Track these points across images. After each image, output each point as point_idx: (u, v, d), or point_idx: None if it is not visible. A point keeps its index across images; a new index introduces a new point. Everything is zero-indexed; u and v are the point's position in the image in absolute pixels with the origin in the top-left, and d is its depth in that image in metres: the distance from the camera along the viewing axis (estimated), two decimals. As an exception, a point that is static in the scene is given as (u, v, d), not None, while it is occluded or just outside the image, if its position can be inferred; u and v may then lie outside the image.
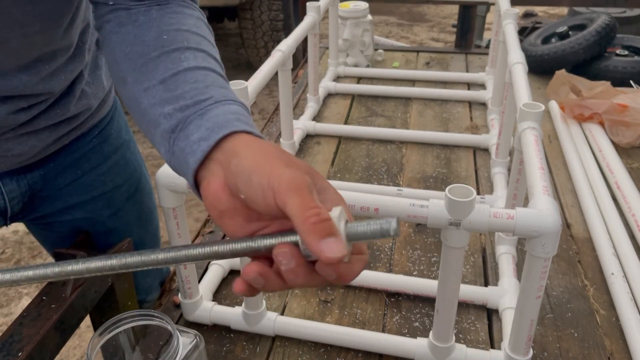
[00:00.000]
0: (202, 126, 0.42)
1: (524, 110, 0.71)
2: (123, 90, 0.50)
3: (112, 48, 0.51)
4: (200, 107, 0.44)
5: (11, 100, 0.58)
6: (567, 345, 0.71)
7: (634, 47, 1.49)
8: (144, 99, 0.46)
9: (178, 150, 0.43)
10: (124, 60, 0.49)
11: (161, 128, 0.45)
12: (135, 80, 0.48)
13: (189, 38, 0.50)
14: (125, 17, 0.51)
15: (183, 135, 0.43)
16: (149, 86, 0.47)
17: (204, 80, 0.46)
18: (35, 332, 0.60)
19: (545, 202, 0.55)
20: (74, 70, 0.64)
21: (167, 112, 0.45)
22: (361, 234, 0.35)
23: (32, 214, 0.74)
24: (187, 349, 0.56)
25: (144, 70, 0.47)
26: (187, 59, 0.48)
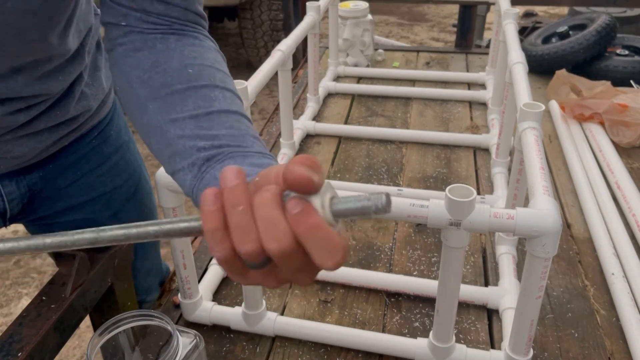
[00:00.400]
0: (244, 163, 0.43)
1: (524, 110, 0.71)
2: (140, 116, 0.50)
3: (126, 73, 0.51)
4: (242, 149, 0.45)
5: (9, 102, 0.58)
6: (568, 346, 0.71)
7: (635, 46, 1.49)
8: (171, 130, 0.47)
9: (210, 177, 0.44)
10: (141, 87, 0.49)
11: (193, 158, 0.45)
12: (159, 109, 0.48)
13: (214, 75, 0.50)
14: (141, 42, 0.51)
15: (219, 166, 0.44)
16: (177, 118, 0.47)
17: (239, 127, 0.48)
18: (35, 332, 0.60)
19: (545, 202, 0.55)
20: (72, 72, 0.64)
21: (203, 146, 0.45)
22: (349, 210, 0.33)
23: (31, 215, 0.74)
24: (186, 349, 0.56)
25: (169, 101, 0.48)
26: (217, 98, 0.48)
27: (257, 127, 2.62)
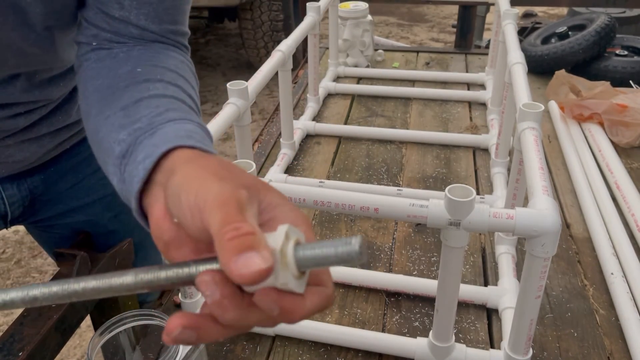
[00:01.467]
0: (148, 144, 0.38)
1: (523, 110, 0.71)
2: (86, 123, 0.46)
3: (84, 82, 0.48)
4: (152, 126, 0.39)
5: (8, 107, 0.58)
6: (567, 345, 0.71)
7: (634, 47, 1.49)
8: (102, 128, 0.42)
9: (127, 176, 0.38)
10: (92, 93, 0.46)
11: (113, 155, 0.40)
12: (98, 111, 0.44)
13: (164, 73, 0.46)
14: (105, 54, 0.49)
15: (132, 159, 0.38)
16: (109, 114, 0.43)
17: (166, 105, 0.42)
18: (35, 332, 0.60)
19: (544, 202, 0.55)
20: (73, 78, 0.64)
21: (121, 137, 0.40)
22: (316, 258, 0.28)
23: (32, 218, 0.74)
24: (187, 349, 0.56)
25: (109, 100, 0.44)
26: (156, 88, 0.44)
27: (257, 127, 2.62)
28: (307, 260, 0.28)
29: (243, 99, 0.80)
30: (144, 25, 0.49)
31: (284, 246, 0.28)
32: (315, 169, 1.11)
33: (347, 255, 0.27)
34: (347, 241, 0.27)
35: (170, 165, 0.36)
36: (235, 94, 0.80)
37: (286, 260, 0.28)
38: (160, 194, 0.35)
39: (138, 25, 0.48)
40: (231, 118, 0.78)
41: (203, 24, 4.35)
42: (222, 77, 3.58)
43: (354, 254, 0.27)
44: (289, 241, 0.29)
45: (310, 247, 0.28)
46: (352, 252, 0.27)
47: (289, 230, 0.29)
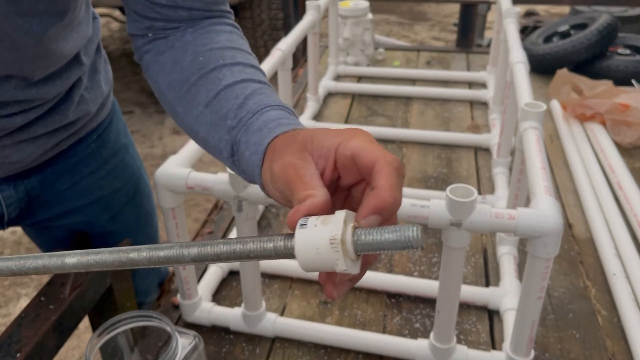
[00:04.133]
0: (249, 142, 0.44)
1: (525, 110, 0.70)
2: (178, 120, 0.51)
3: (155, 79, 0.52)
4: (242, 124, 0.45)
5: (4, 106, 0.58)
6: (569, 346, 0.71)
7: (636, 46, 1.49)
8: (199, 129, 0.48)
9: (245, 169, 0.45)
10: (168, 90, 0.51)
11: (224, 155, 0.46)
12: (185, 109, 0.49)
13: (223, 55, 0.50)
14: (163, 45, 0.52)
15: (240, 157, 0.44)
16: (198, 114, 0.48)
17: (243, 93, 0.47)
18: (33, 333, 0.60)
19: (546, 202, 0.55)
20: (70, 76, 0.63)
21: (223, 138, 0.46)
22: (374, 244, 0.30)
23: (29, 219, 0.74)
24: (186, 350, 0.56)
25: (188, 98, 0.49)
26: (225, 76, 0.48)
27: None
28: (366, 246, 0.30)
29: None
30: (190, 5, 0.51)
31: (343, 235, 0.30)
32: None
33: (408, 242, 0.29)
34: (408, 228, 0.29)
35: (271, 149, 0.41)
36: (234, 93, 0.79)
37: (346, 247, 0.30)
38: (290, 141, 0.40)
39: (184, 6, 0.51)
40: (230, 117, 0.77)
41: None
42: (222, 76, 3.57)
43: (414, 241, 0.29)
44: (347, 228, 0.30)
45: (369, 233, 0.30)
46: (413, 239, 0.29)
47: (346, 216, 0.31)
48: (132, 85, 3.43)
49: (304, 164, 0.37)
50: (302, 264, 0.31)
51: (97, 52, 0.70)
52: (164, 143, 2.79)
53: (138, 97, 3.29)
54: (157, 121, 3.01)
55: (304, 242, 0.31)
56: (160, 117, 3.06)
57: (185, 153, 0.68)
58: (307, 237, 0.31)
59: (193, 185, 0.63)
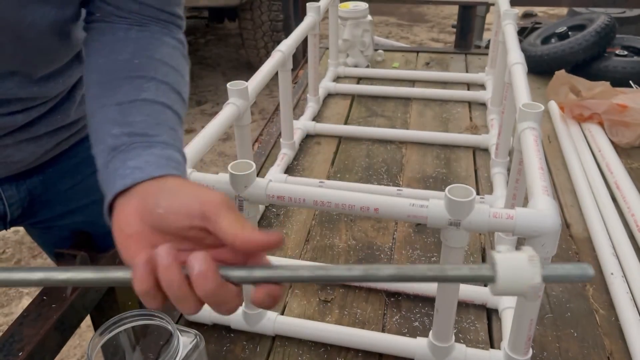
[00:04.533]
0: (141, 157, 0.44)
1: (523, 111, 0.71)
2: (86, 97, 0.52)
3: (89, 55, 0.53)
4: (147, 139, 0.46)
5: (7, 103, 0.58)
6: (567, 345, 0.71)
7: (634, 47, 1.49)
8: (97, 115, 0.48)
9: (112, 168, 0.44)
10: (93, 71, 0.52)
11: (105, 144, 0.46)
12: (96, 94, 0.50)
13: (157, 68, 0.51)
14: (108, 29, 0.53)
15: (122, 157, 0.44)
16: (105, 104, 0.48)
17: (157, 117, 0.48)
18: (35, 332, 0.60)
19: (544, 202, 0.55)
20: (72, 75, 0.64)
21: (115, 133, 0.46)
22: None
23: (31, 219, 0.74)
24: (187, 349, 0.56)
25: (106, 88, 0.49)
26: (149, 89, 0.49)
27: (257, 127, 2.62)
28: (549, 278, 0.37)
29: (243, 99, 0.80)
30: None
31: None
32: (315, 169, 1.11)
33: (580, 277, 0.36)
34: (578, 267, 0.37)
35: (157, 183, 0.42)
36: (235, 94, 0.80)
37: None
38: (134, 199, 0.42)
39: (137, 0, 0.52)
40: (231, 118, 0.78)
41: (203, 24, 4.35)
42: (222, 77, 3.58)
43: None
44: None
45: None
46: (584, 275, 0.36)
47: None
48: (132, 86, 3.43)
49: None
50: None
51: None
52: (164, 144, 2.79)
53: (138, 98, 3.29)
54: (157, 122, 3.01)
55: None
56: (160, 118, 3.06)
57: (186, 153, 0.69)
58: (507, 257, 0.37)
59: (194, 185, 0.63)
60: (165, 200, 0.39)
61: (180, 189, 0.41)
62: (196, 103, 3.25)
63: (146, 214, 0.40)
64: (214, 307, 0.37)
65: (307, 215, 0.97)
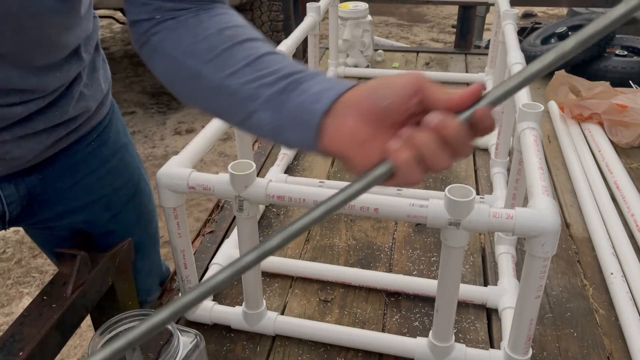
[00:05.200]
0: (318, 83, 0.46)
1: (523, 111, 0.71)
2: (197, 85, 0.52)
3: (168, 53, 0.52)
4: (306, 73, 0.47)
5: (5, 94, 0.58)
6: (567, 345, 0.71)
7: (633, 47, 1.49)
8: (232, 82, 0.49)
9: (293, 105, 0.46)
10: (188, 58, 0.51)
11: (266, 95, 0.47)
12: (214, 70, 0.50)
13: (249, 32, 0.53)
14: (174, 24, 0.53)
15: (297, 93, 0.46)
16: (234, 71, 0.49)
17: (287, 60, 0.50)
18: (36, 332, 0.60)
19: (544, 202, 0.55)
20: (70, 70, 0.64)
21: (268, 82, 0.47)
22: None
23: (31, 219, 0.74)
24: (187, 349, 0.56)
25: (220, 61, 0.50)
26: (259, 47, 0.51)
27: (257, 127, 2.62)
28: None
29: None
30: None
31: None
32: (315, 169, 1.11)
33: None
34: None
35: (349, 94, 0.44)
36: (235, 94, 0.80)
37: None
38: (346, 110, 0.43)
39: None
40: (231, 118, 0.78)
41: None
42: (222, 77, 3.58)
43: None
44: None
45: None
46: None
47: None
48: (133, 86, 3.44)
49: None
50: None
51: (96, 50, 0.71)
52: (166, 143, 2.79)
53: (140, 98, 3.29)
54: (159, 122, 3.02)
55: None
56: (162, 117, 3.07)
57: (187, 153, 0.69)
58: None
59: (194, 185, 0.63)
60: (384, 92, 0.42)
61: (382, 82, 0.43)
62: (196, 103, 3.25)
63: (370, 114, 0.42)
64: (459, 151, 0.40)
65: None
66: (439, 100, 0.40)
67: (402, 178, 0.41)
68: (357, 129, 0.42)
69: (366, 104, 0.43)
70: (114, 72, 0.76)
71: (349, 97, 0.44)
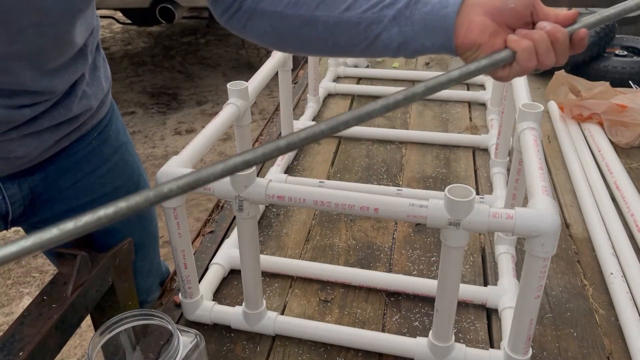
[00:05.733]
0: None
1: (523, 111, 0.71)
2: (313, 28, 0.56)
3: (271, 10, 0.56)
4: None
5: (16, 96, 0.59)
6: (567, 345, 0.71)
7: (633, 47, 1.49)
8: (351, 14, 0.54)
9: (422, 14, 0.52)
10: (296, 9, 0.55)
11: (389, 15, 0.53)
12: (328, 11, 0.55)
13: None
14: None
15: (422, 4, 0.53)
16: (348, 5, 0.54)
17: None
18: (36, 332, 0.60)
19: (544, 202, 0.55)
20: (76, 70, 0.65)
21: (388, 3, 0.53)
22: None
23: (32, 218, 0.74)
24: (187, 349, 0.56)
25: (329, 2, 0.55)
26: None
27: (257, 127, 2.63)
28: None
29: (243, 99, 0.81)
30: None
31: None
32: (315, 169, 1.12)
33: None
34: None
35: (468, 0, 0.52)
36: (235, 94, 0.80)
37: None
38: (472, 9, 0.51)
39: None
40: (231, 118, 0.78)
41: (203, 24, 4.35)
42: (222, 77, 3.58)
43: None
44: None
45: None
46: None
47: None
48: (133, 86, 3.44)
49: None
50: None
51: (97, 49, 0.72)
52: (166, 143, 2.79)
53: (140, 98, 3.29)
54: (159, 122, 3.02)
55: None
56: (162, 117, 3.07)
57: (187, 153, 0.69)
58: None
59: (194, 185, 0.63)
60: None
61: None
62: (196, 103, 3.25)
63: (497, 13, 0.50)
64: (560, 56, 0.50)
65: (307, 215, 0.97)
66: (549, 15, 0.50)
67: (521, 62, 0.49)
68: (486, 22, 0.50)
69: (493, 4, 0.51)
70: (113, 72, 0.76)
71: (474, 0, 0.51)
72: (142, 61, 3.83)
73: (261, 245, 0.90)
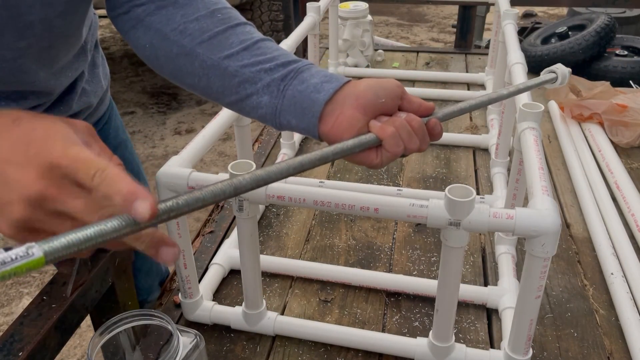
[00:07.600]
0: (316, 74, 0.52)
1: (523, 111, 0.71)
2: (191, 62, 0.54)
3: (157, 28, 0.54)
4: (301, 63, 0.53)
5: (24, 100, 0.59)
6: (567, 345, 0.71)
7: (634, 47, 1.49)
8: (230, 64, 0.53)
9: (294, 92, 0.51)
10: (181, 37, 0.54)
11: (264, 81, 0.52)
12: (210, 51, 0.53)
13: (237, 15, 0.55)
14: (162, 1, 0.54)
15: (298, 81, 0.51)
16: (230, 53, 0.53)
17: (281, 49, 0.55)
18: (35, 332, 0.60)
19: (544, 202, 0.55)
20: (78, 68, 0.65)
21: (268, 67, 0.52)
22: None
23: None
24: (187, 349, 0.56)
25: (215, 43, 0.53)
26: (252, 32, 0.55)
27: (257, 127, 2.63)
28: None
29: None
30: None
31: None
32: (315, 169, 1.11)
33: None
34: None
35: (347, 87, 0.51)
36: (235, 94, 0.80)
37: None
38: (346, 100, 0.51)
39: None
40: (231, 118, 0.78)
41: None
42: (222, 77, 3.58)
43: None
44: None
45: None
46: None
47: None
48: (133, 86, 3.44)
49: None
50: None
51: (96, 46, 0.72)
52: (166, 143, 2.79)
53: (139, 98, 3.29)
54: (159, 122, 3.02)
55: None
56: (162, 117, 3.07)
57: (187, 153, 0.69)
58: None
59: (194, 186, 0.63)
60: (381, 92, 0.50)
61: (375, 82, 0.51)
62: (196, 103, 3.25)
63: (367, 107, 0.50)
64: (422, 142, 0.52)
65: (307, 215, 0.97)
66: (413, 103, 0.52)
67: (389, 148, 0.49)
68: (356, 116, 0.50)
69: (364, 98, 0.50)
70: (114, 72, 0.76)
71: (348, 91, 0.51)
72: (142, 61, 3.82)
73: (261, 245, 0.90)
